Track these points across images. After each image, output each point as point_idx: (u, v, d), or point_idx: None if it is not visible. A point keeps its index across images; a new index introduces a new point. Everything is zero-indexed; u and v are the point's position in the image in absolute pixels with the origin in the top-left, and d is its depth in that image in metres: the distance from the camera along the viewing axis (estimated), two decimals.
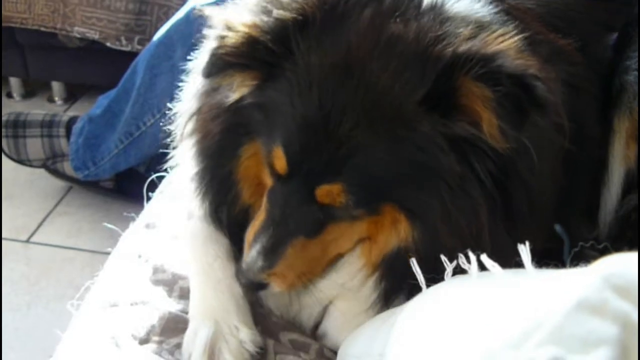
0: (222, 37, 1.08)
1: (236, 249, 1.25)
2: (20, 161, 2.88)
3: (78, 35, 3.27)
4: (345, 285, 1.18)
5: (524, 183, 1.07)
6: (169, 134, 1.42)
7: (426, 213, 1.06)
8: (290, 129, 1.06)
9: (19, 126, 2.84)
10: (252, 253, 1.10)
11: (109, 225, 1.59)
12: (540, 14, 1.49)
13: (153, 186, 1.67)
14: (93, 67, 3.42)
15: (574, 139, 1.30)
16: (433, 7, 1.08)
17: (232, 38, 1.07)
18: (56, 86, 3.68)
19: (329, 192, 1.06)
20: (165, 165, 1.59)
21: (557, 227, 0.99)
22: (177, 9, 2.84)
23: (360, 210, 1.08)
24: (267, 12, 1.07)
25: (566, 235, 0.96)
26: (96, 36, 3.24)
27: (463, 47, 1.01)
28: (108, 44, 3.23)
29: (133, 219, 1.55)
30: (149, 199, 1.61)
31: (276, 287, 1.13)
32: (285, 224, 1.09)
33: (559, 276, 0.62)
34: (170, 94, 2.32)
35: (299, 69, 1.05)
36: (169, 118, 1.43)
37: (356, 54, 1.04)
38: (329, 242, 1.13)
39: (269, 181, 1.15)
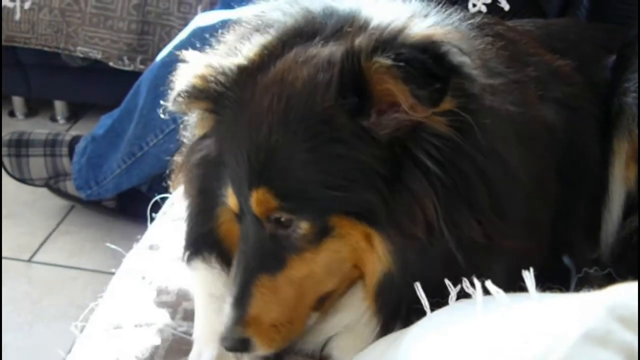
0: (183, 78, 1.16)
1: None
2: (22, 180, 2.89)
3: (81, 55, 3.29)
4: (349, 325, 1.14)
5: (475, 166, 1.01)
6: (172, 154, 1.43)
7: (375, 216, 1.02)
8: (232, 163, 1.10)
9: (21, 145, 2.85)
10: (225, 310, 1.10)
11: (112, 246, 1.59)
12: (538, 35, 1.51)
13: (156, 207, 1.68)
14: (96, 87, 3.45)
15: (572, 157, 1.32)
16: (377, 27, 1.06)
17: (193, 76, 1.14)
18: (59, 105, 3.70)
19: (258, 200, 1.05)
20: (168, 186, 1.60)
21: (566, 260, 0.96)
22: (179, 29, 2.87)
23: (307, 224, 1.04)
24: (230, 55, 1.15)
25: (573, 266, 0.94)
26: (99, 56, 3.26)
27: (364, 37, 1.01)
28: (111, 64, 3.25)
29: (137, 240, 1.56)
30: (152, 219, 1.62)
31: (258, 345, 1.09)
32: (246, 264, 1.09)
33: (564, 304, 0.62)
34: (173, 115, 2.36)
35: (237, 104, 1.11)
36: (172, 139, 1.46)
37: (276, 74, 1.08)
38: (301, 280, 1.08)
39: None
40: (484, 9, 1.93)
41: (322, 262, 1.07)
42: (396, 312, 1.06)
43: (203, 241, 1.25)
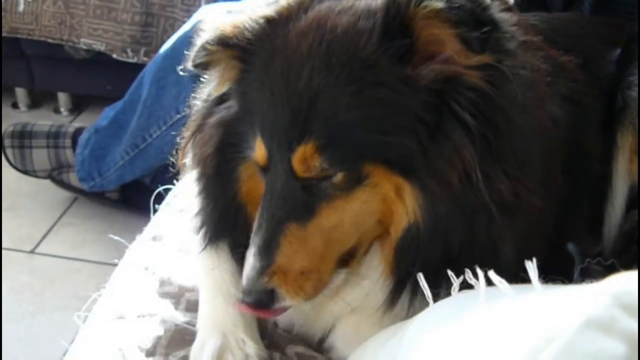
0: (208, 31, 1.14)
1: None
2: (25, 172, 2.90)
3: (84, 47, 3.30)
4: (363, 304, 1.15)
5: (509, 121, 1.03)
6: (174, 146, 1.43)
7: (411, 164, 1.02)
8: (263, 112, 1.07)
9: (25, 137, 2.86)
10: (248, 260, 1.06)
11: (115, 237, 1.60)
12: (543, 30, 1.51)
13: (159, 198, 1.68)
14: (99, 78, 3.45)
15: (574, 151, 1.32)
16: None
17: (216, 31, 1.13)
18: (62, 97, 3.71)
19: (303, 155, 1.03)
20: (172, 177, 1.61)
21: (570, 246, 0.96)
22: (183, 21, 2.87)
23: (341, 174, 1.03)
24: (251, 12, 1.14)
25: (578, 253, 0.93)
26: (102, 48, 3.27)
27: None
28: (114, 56, 3.25)
29: (140, 231, 1.56)
30: (155, 211, 1.62)
31: (285, 295, 1.06)
32: (272, 214, 1.06)
33: (567, 293, 0.62)
34: (176, 107, 2.37)
35: (267, 52, 1.09)
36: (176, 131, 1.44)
37: (312, 21, 1.07)
38: (329, 230, 1.07)
39: None
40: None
41: (351, 212, 1.06)
42: (408, 274, 1.07)
43: (221, 216, 1.21)
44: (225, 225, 1.22)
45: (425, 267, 1.02)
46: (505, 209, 1.03)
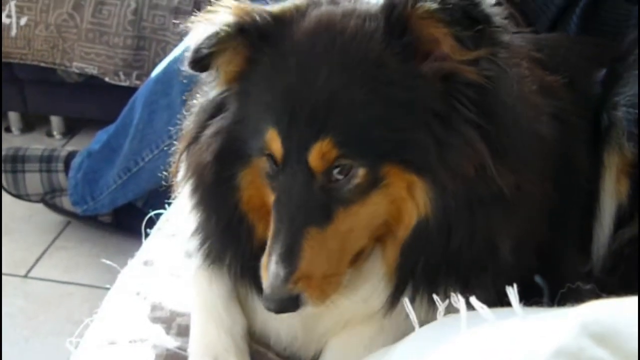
0: (214, 16, 1.12)
1: (256, 292, 1.21)
2: (18, 196, 2.90)
3: (77, 71, 3.31)
4: (369, 301, 1.16)
5: (509, 113, 1.09)
6: (167, 169, 1.43)
7: (426, 159, 1.05)
8: (278, 109, 1.07)
9: (17, 161, 2.86)
10: (271, 268, 1.05)
11: (107, 262, 1.60)
12: (529, 50, 1.53)
13: (151, 222, 1.69)
14: (92, 102, 3.46)
15: (562, 169, 1.33)
16: None
17: (231, 12, 1.11)
18: (55, 120, 3.71)
19: (320, 151, 1.03)
20: (164, 201, 1.61)
21: (538, 279, 0.99)
22: (174, 45, 2.89)
23: (363, 171, 1.05)
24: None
25: (545, 284, 0.94)
26: (95, 71, 3.28)
27: None
28: (106, 79, 3.27)
29: (133, 255, 1.56)
30: (147, 235, 1.62)
31: (309, 299, 1.06)
32: (292, 218, 1.05)
33: (541, 320, 0.64)
34: (168, 131, 2.38)
35: (277, 49, 1.10)
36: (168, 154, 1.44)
37: (319, 23, 1.10)
38: (345, 233, 1.08)
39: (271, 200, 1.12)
40: None
41: (365, 215, 1.08)
42: (411, 274, 1.09)
43: (224, 227, 1.19)
44: (228, 236, 1.20)
45: (428, 265, 1.08)
46: (506, 202, 1.07)
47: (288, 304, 1.06)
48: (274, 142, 1.07)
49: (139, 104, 2.50)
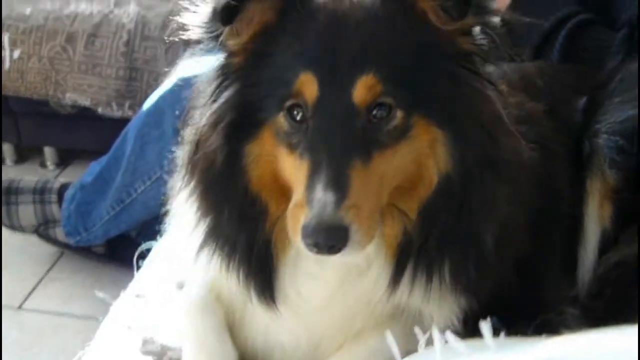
0: None
1: (259, 292, 1.19)
2: (12, 227, 2.90)
3: (70, 102, 3.34)
4: (372, 294, 1.18)
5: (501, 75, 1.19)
6: (160, 200, 1.45)
7: (447, 112, 1.10)
8: (311, 50, 1.09)
9: (11, 193, 2.88)
10: (317, 196, 1.00)
11: (100, 294, 1.62)
12: (512, 79, 1.56)
13: (144, 253, 1.70)
14: (85, 133, 3.49)
15: (545, 195, 1.36)
16: None
17: None
18: (48, 151, 3.73)
19: (366, 84, 1.06)
20: (157, 231, 1.63)
21: (494, 321, 1.01)
22: (167, 75, 2.92)
23: (401, 114, 1.08)
24: None
25: (501, 327, 0.95)
26: (87, 102, 3.32)
27: None
28: (99, 110, 3.30)
29: (126, 285, 1.58)
30: (139, 267, 1.64)
31: (359, 233, 1.02)
32: (335, 153, 1.04)
33: (512, 354, 0.65)
34: (160, 162, 2.41)
35: (306, 4, 1.13)
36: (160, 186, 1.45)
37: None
38: (380, 176, 1.08)
39: (288, 170, 1.11)
40: None
41: (396, 163, 1.10)
42: (415, 249, 1.14)
43: (241, 211, 1.16)
44: (243, 221, 1.17)
45: (439, 233, 1.12)
46: (501, 167, 1.14)
47: (338, 234, 1.00)
48: (308, 85, 1.08)
49: (130, 136, 2.53)
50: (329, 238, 1.00)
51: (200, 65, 1.28)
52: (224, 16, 1.09)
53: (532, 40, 1.95)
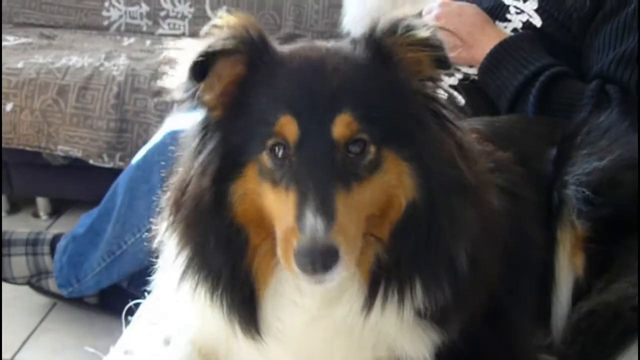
0: (213, 32, 1.22)
1: (244, 323, 1.23)
2: (4, 279, 2.93)
3: (62, 154, 3.40)
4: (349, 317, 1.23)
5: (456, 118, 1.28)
6: (150, 252, 1.48)
7: (413, 148, 1.19)
8: (287, 95, 1.18)
9: (3, 245, 2.90)
10: (308, 222, 1.08)
11: (90, 350, 1.65)
12: (484, 132, 1.62)
13: (134, 308, 1.74)
14: (77, 183, 3.54)
15: (514, 241, 1.41)
16: None
17: (223, 31, 1.21)
18: (41, 202, 3.78)
19: (344, 122, 1.15)
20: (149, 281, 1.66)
21: None
22: (156, 126, 2.99)
23: (374, 149, 1.16)
24: None
25: None
26: (79, 154, 3.37)
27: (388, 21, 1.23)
28: (91, 162, 3.36)
29: (117, 338, 1.61)
30: (128, 322, 1.68)
31: (346, 255, 1.09)
32: (319, 182, 1.12)
33: None
34: (149, 215, 2.44)
35: (275, 57, 1.23)
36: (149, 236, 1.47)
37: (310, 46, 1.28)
38: (360, 205, 1.16)
39: (271, 203, 1.18)
40: (519, 25, 2.12)
41: (370, 194, 1.17)
42: (388, 269, 1.20)
43: (224, 243, 1.22)
44: (226, 251, 1.22)
45: (410, 252, 1.19)
46: (466, 191, 1.23)
47: (330, 255, 1.08)
48: (288, 126, 1.15)
49: (120, 189, 2.58)
50: (323, 259, 1.08)
51: (187, 120, 1.34)
52: (196, 73, 1.18)
53: (507, 93, 2.02)
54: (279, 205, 1.16)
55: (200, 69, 1.18)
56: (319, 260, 1.08)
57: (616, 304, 1.43)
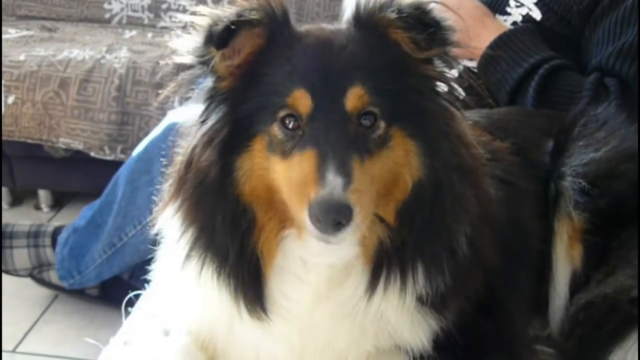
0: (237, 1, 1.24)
1: (250, 302, 1.24)
2: (6, 271, 2.95)
3: (63, 146, 3.41)
4: (352, 299, 1.25)
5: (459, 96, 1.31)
6: (151, 243, 1.49)
7: (419, 126, 1.22)
8: (301, 69, 1.20)
9: (5, 237, 2.92)
10: (329, 178, 1.11)
11: (91, 341, 1.66)
12: (482, 124, 1.63)
13: (134, 299, 1.74)
14: (78, 176, 3.55)
15: (513, 230, 1.42)
16: None
17: (247, 2, 1.23)
18: (43, 194, 3.79)
19: (356, 94, 1.18)
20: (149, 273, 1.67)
21: None
22: (158, 119, 2.99)
23: (383, 125, 1.19)
24: None
25: None
26: (80, 146, 3.38)
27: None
28: (92, 154, 3.37)
29: (118, 328, 1.62)
30: (127, 314, 1.69)
31: (359, 216, 1.12)
32: (336, 147, 1.14)
33: None
34: (150, 207, 2.45)
35: (292, 32, 1.25)
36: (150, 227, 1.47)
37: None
38: (371, 178, 1.18)
39: (280, 176, 1.19)
40: (519, 18, 2.12)
41: (379, 168, 1.20)
42: (391, 252, 1.22)
43: (231, 220, 1.22)
44: (234, 229, 1.22)
45: (416, 233, 1.21)
46: (466, 172, 1.26)
47: (345, 212, 1.10)
48: (302, 99, 1.18)
49: (121, 181, 2.59)
50: (338, 214, 1.11)
51: (189, 113, 1.34)
52: (219, 41, 1.19)
53: (506, 85, 2.02)
54: (290, 172, 1.18)
55: (225, 37, 1.19)
56: (334, 216, 1.10)
57: (613, 296, 1.43)
